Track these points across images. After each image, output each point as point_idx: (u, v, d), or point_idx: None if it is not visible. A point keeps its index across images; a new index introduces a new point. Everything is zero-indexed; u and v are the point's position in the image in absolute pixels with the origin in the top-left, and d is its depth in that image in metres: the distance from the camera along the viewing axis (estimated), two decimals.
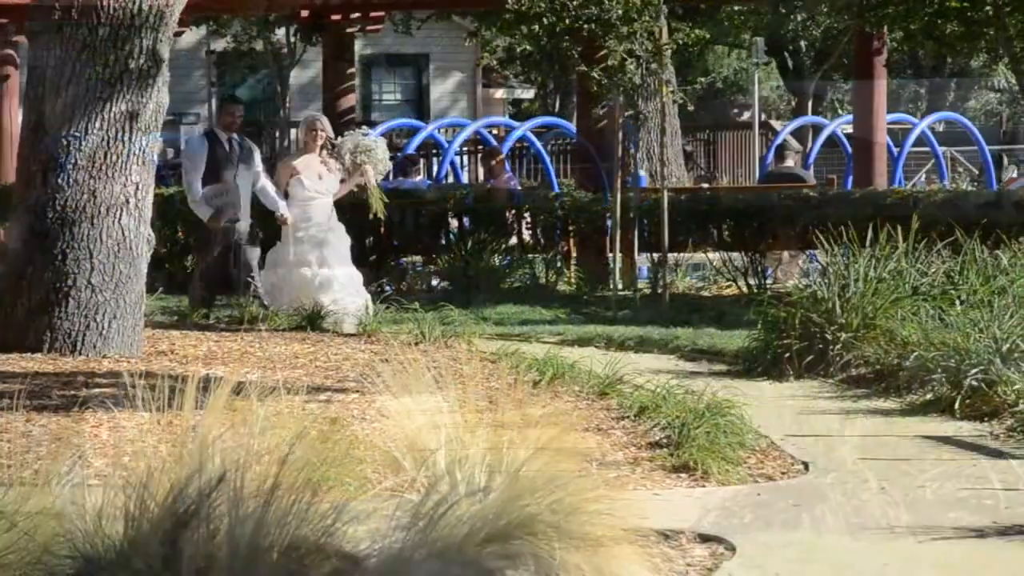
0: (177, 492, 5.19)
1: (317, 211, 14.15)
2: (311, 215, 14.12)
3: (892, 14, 16.23)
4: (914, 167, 29.53)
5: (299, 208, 14.14)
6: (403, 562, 5.22)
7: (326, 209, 14.19)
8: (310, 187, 14.15)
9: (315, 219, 14.13)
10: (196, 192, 14.27)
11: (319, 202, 14.18)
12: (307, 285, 13.83)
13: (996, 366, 10.15)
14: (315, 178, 14.19)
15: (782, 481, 8.25)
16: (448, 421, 6.14)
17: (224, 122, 14.67)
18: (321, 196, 14.20)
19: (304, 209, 14.14)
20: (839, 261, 12.32)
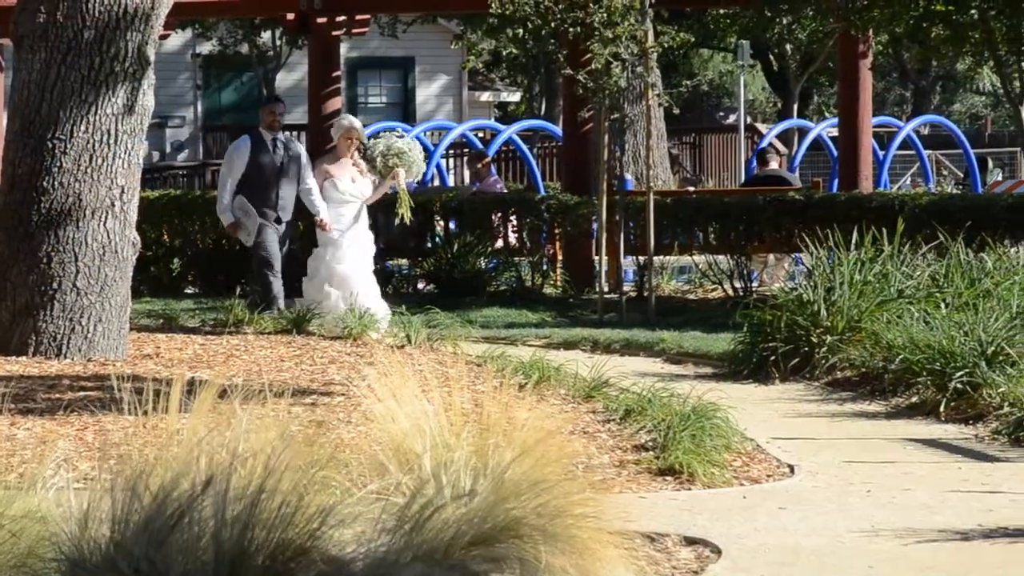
0: (163, 495, 5.18)
1: (349, 214, 13.99)
2: (344, 218, 13.98)
3: (877, 17, 16.25)
4: (899, 170, 29.58)
5: (332, 211, 14.00)
6: (389, 565, 5.22)
7: (358, 213, 14.04)
8: (344, 190, 14.00)
9: (348, 223, 13.96)
10: (224, 196, 14.10)
11: (352, 206, 14.02)
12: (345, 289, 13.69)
13: (981, 369, 10.17)
14: (348, 181, 14.05)
15: (768, 484, 8.26)
16: (434, 424, 6.14)
17: (267, 122, 14.41)
18: (354, 200, 14.05)
19: (336, 212, 13.99)
20: (824, 264, 12.34)
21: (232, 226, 14.18)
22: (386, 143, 14.19)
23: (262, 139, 14.26)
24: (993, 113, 53.71)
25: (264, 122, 14.43)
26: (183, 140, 37.04)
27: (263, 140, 14.25)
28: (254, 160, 14.10)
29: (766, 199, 16.50)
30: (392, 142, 14.22)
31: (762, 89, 51.06)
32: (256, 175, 14.09)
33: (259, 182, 14.08)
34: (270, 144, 14.20)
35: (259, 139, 14.29)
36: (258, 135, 14.36)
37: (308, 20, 19.93)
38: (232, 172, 14.15)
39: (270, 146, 14.19)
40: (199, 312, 14.67)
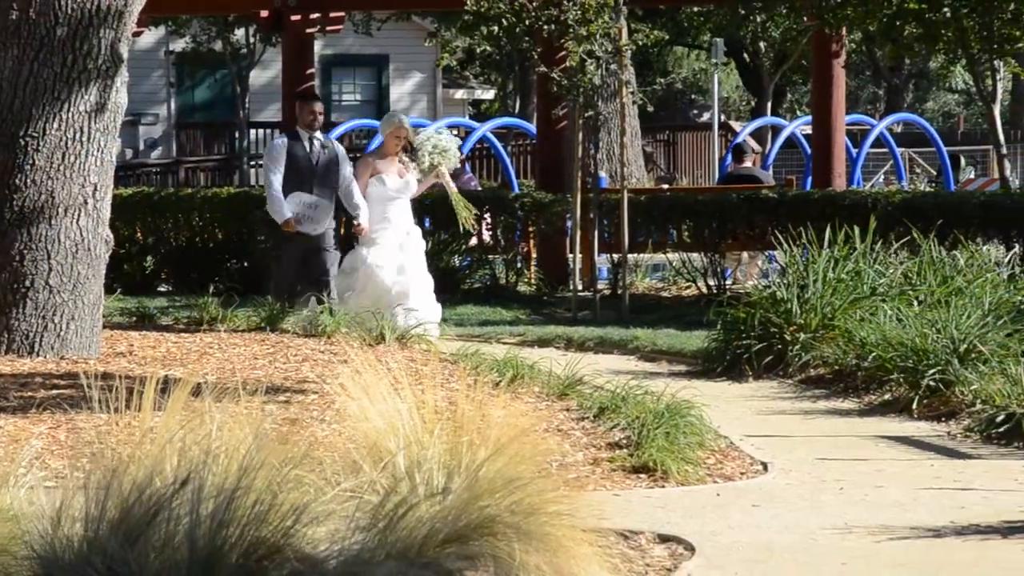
0: (137, 493, 5.17)
1: (396, 212, 13.67)
2: (389, 216, 13.65)
3: (851, 15, 16.29)
4: (872, 168, 29.64)
5: (378, 208, 13.65)
6: (362, 563, 5.21)
7: (405, 211, 13.75)
8: (391, 186, 13.67)
9: (393, 221, 13.64)
10: (275, 192, 13.75)
11: (398, 203, 13.71)
12: (384, 293, 13.43)
13: (953, 367, 10.21)
14: (395, 177, 13.72)
15: (741, 481, 8.27)
16: (407, 422, 6.14)
17: (304, 121, 13.95)
18: (401, 197, 13.71)
19: (383, 210, 13.66)
20: (798, 262, 12.37)
21: (289, 223, 13.70)
22: (432, 140, 13.97)
23: (299, 138, 13.93)
24: (966, 111, 53.89)
25: (302, 121, 14.07)
26: (156, 137, 36.96)
27: (300, 139, 13.92)
28: (291, 159, 13.80)
29: (740, 197, 16.53)
30: (439, 139, 14.01)
31: (736, 87, 51.15)
32: (293, 175, 13.77)
33: (296, 182, 13.76)
34: (307, 143, 13.88)
35: (296, 138, 13.97)
36: (295, 134, 14.04)
37: (282, 17, 19.91)
38: (275, 173, 13.79)
39: (307, 145, 13.87)
40: (172, 310, 14.63)
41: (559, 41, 14.93)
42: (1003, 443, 9.14)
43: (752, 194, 16.67)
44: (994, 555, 6.70)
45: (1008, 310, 11.02)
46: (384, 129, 14.10)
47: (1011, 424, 9.20)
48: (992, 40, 15.98)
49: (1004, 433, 9.21)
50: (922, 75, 48.30)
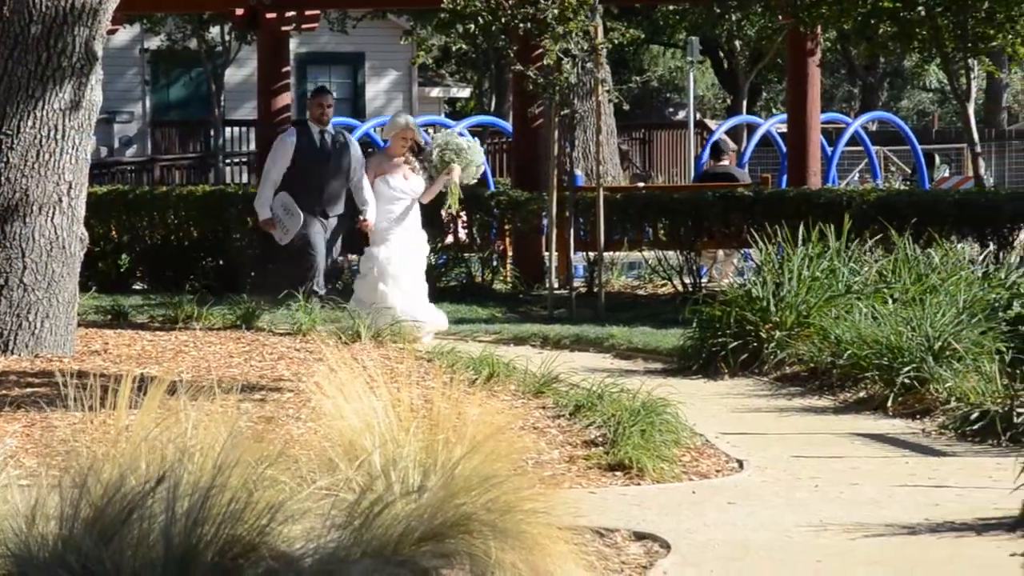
0: (112, 492, 5.16)
1: (403, 213, 13.60)
2: (396, 216, 13.60)
3: (826, 14, 16.32)
4: (847, 166, 29.71)
5: (384, 209, 13.62)
6: (338, 561, 5.21)
7: (412, 213, 13.68)
8: (396, 186, 13.59)
9: (401, 221, 13.58)
10: (264, 190, 13.80)
11: (405, 204, 13.62)
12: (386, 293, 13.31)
13: (928, 364, 10.24)
14: (400, 178, 13.64)
15: (717, 479, 8.29)
16: (383, 420, 6.14)
17: (314, 115, 14.03)
18: (406, 197, 13.61)
19: (389, 210, 13.61)
20: (773, 260, 12.39)
21: (266, 222, 13.82)
22: (445, 139, 13.92)
23: (309, 132, 13.92)
24: (940, 109, 54.05)
25: (312, 115, 14.08)
26: (131, 135, 36.87)
27: (310, 133, 13.91)
28: (300, 154, 13.76)
29: (715, 195, 16.55)
30: (452, 139, 13.93)
31: (711, 85, 51.22)
32: (303, 169, 13.75)
33: (306, 176, 13.75)
34: (318, 137, 13.87)
35: (306, 132, 13.95)
36: (305, 128, 14.03)
37: (257, 15, 19.87)
38: (275, 166, 13.81)
39: (318, 139, 13.86)
40: (147, 308, 14.60)
41: (535, 39, 14.93)
42: (977, 440, 9.17)
43: (728, 192, 16.69)
44: (969, 552, 6.72)
45: (982, 308, 11.05)
46: (390, 130, 14.01)
47: (985, 421, 9.23)
48: (966, 39, 16.02)
49: (978, 430, 9.24)
50: (897, 73, 48.44)
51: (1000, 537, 6.89)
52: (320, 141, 13.85)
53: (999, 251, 14.88)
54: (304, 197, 13.83)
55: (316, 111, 14.08)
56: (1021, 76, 50.25)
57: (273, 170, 13.86)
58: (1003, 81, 42.74)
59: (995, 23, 16.03)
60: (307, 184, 13.84)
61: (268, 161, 14.13)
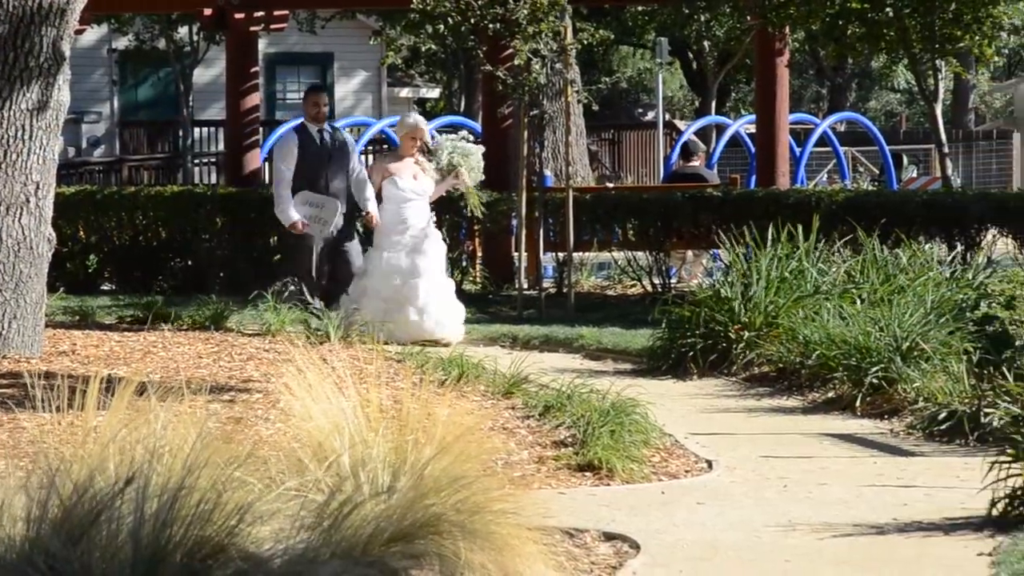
0: (80, 492, 5.15)
1: (412, 214, 13.40)
2: (406, 217, 13.38)
3: (794, 15, 16.36)
4: (816, 167, 29.78)
5: (393, 210, 13.40)
6: (307, 562, 5.20)
7: (421, 212, 13.47)
8: (405, 187, 13.40)
9: (410, 222, 13.37)
10: (282, 192, 13.56)
11: (414, 204, 13.43)
12: (396, 294, 13.16)
13: (896, 364, 10.27)
14: (410, 179, 13.45)
15: (686, 479, 8.30)
16: (352, 421, 6.14)
17: (311, 114, 13.84)
18: (417, 198, 13.44)
19: (398, 211, 13.40)
20: (742, 260, 12.42)
21: (293, 225, 13.55)
22: (452, 143, 13.76)
23: (307, 132, 13.75)
24: (908, 110, 54.24)
25: (308, 114, 13.90)
26: (99, 136, 36.75)
27: (309, 133, 13.73)
28: (301, 154, 13.60)
29: (684, 196, 16.57)
30: (458, 143, 13.76)
31: (680, 86, 51.29)
32: (304, 169, 13.58)
33: (308, 176, 13.56)
34: (316, 136, 13.70)
35: (304, 132, 13.78)
36: (303, 128, 13.84)
37: (225, 15, 19.83)
38: (286, 166, 13.58)
39: (317, 138, 13.69)
40: (116, 308, 14.56)
41: (505, 40, 14.93)
42: (945, 440, 9.20)
43: (697, 193, 16.72)
44: (936, 552, 6.75)
45: (950, 308, 11.09)
46: (400, 131, 13.88)
47: (953, 421, 9.26)
48: (934, 40, 16.08)
49: (946, 430, 9.27)
50: (865, 74, 48.58)
51: (967, 537, 6.92)
52: (320, 140, 13.70)
53: (966, 251, 14.93)
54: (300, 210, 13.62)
55: (312, 109, 13.90)
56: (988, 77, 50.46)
57: (284, 171, 13.62)
58: (970, 82, 42.93)
59: (962, 24, 16.09)
60: (310, 185, 13.64)
61: (276, 166, 13.86)
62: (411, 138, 13.64)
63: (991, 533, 6.90)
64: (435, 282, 13.35)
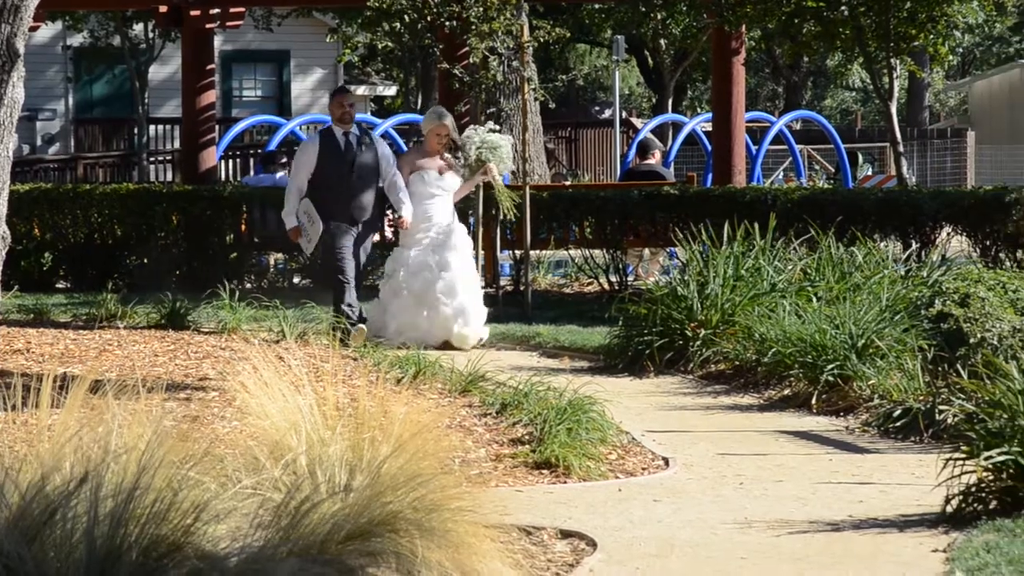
0: (35, 491, 5.12)
1: (437, 210, 13.25)
2: (431, 214, 13.24)
3: (750, 13, 16.40)
4: (772, 165, 29.87)
5: (419, 206, 13.21)
6: (264, 560, 5.19)
7: (445, 209, 13.34)
8: (432, 183, 13.23)
9: (436, 218, 13.24)
10: (289, 199, 13.12)
11: (440, 201, 13.29)
12: (427, 291, 13.05)
13: (852, 362, 10.31)
14: (436, 174, 13.27)
15: (643, 477, 8.31)
16: (308, 419, 6.12)
17: (336, 115, 13.23)
18: (443, 194, 13.29)
19: (425, 208, 13.23)
20: (698, 258, 12.44)
21: (294, 231, 13.15)
22: (480, 136, 13.55)
23: (332, 135, 13.17)
24: (863, 108, 54.47)
25: (334, 116, 13.30)
26: (54, 133, 36.57)
27: (333, 136, 13.16)
28: (324, 159, 13.04)
29: (641, 194, 16.59)
30: (486, 136, 13.56)
31: (637, 84, 51.38)
32: (328, 175, 13.05)
33: (331, 182, 13.04)
34: (342, 140, 13.12)
35: (329, 136, 13.21)
36: (328, 131, 13.28)
37: (181, 12, 19.76)
38: (299, 173, 13.13)
39: (341, 142, 13.11)
40: (71, 307, 14.50)
41: (461, 38, 14.93)
42: (900, 437, 9.24)
43: (653, 191, 16.74)
44: (891, 548, 6.77)
45: (905, 306, 11.13)
46: (426, 126, 13.65)
47: (908, 419, 9.31)
48: (889, 38, 16.14)
49: (901, 427, 9.31)
50: (820, 73, 48.76)
51: (922, 533, 6.95)
52: (345, 144, 13.11)
53: (921, 249, 15.00)
54: (332, 204, 13.05)
55: (337, 111, 13.27)
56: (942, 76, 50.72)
57: (296, 178, 13.18)
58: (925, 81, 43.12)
59: (917, 23, 16.16)
60: (334, 191, 13.10)
61: (293, 167, 13.45)
62: (436, 134, 13.42)
63: (946, 529, 6.94)
64: (468, 277, 13.25)
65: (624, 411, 9.79)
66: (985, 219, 15.38)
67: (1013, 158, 37.49)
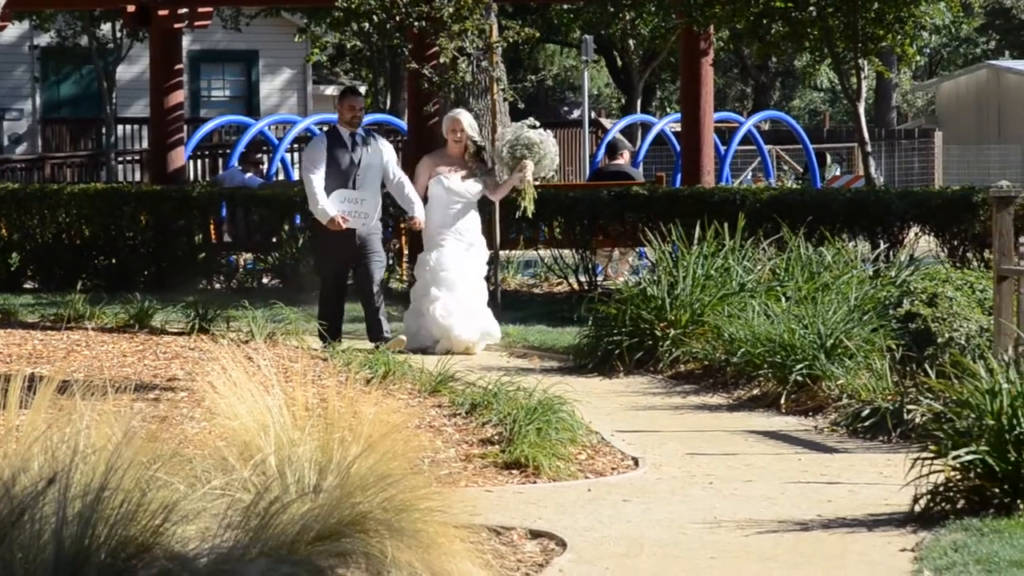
0: (2, 493, 5.10)
1: (459, 217, 12.94)
2: (453, 220, 12.91)
3: (718, 14, 16.43)
4: (741, 165, 29.93)
5: (440, 212, 12.89)
6: (234, 561, 5.18)
7: (470, 218, 13.02)
8: (452, 187, 12.91)
9: (458, 226, 12.91)
10: (316, 190, 12.69)
11: (462, 207, 12.95)
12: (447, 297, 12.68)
13: (820, 362, 10.33)
14: (457, 180, 12.95)
15: (612, 477, 8.32)
16: (277, 419, 6.11)
17: (344, 117, 12.93)
18: (464, 200, 12.94)
19: (445, 214, 12.90)
20: (668, 258, 12.46)
21: (332, 221, 12.66)
22: (515, 133, 13.33)
23: (339, 136, 12.91)
24: (831, 109, 54.60)
25: (342, 118, 13.01)
26: (21, 133, 36.42)
27: (340, 137, 12.89)
28: (331, 160, 12.77)
29: (610, 194, 16.60)
30: (522, 133, 13.30)
31: (606, 84, 51.42)
32: (334, 176, 12.77)
33: (337, 183, 12.74)
34: (349, 141, 12.83)
35: (336, 137, 12.90)
36: (335, 132, 13.02)
37: (149, 12, 19.70)
38: (315, 168, 12.74)
39: (348, 144, 12.82)
40: (38, 307, 14.45)
41: (430, 37, 14.91)
42: (869, 437, 9.27)
43: (623, 191, 16.75)
44: (860, 548, 6.79)
45: (873, 306, 11.17)
46: (443, 126, 13.44)
47: (876, 418, 9.33)
48: (857, 39, 16.19)
49: (870, 427, 9.33)
50: (789, 73, 48.86)
51: (891, 532, 6.97)
52: (351, 145, 12.84)
53: (889, 249, 15.04)
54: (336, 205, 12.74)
55: (346, 113, 12.95)
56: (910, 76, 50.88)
57: (313, 173, 12.79)
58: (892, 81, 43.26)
59: (885, 24, 16.21)
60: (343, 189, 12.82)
61: (304, 170, 13.09)
62: (450, 130, 13.21)
63: (914, 529, 6.96)
64: (472, 288, 12.95)
65: (594, 411, 9.79)
66: (953, 219, 15.43)
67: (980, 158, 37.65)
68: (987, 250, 15.35)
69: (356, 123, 12.90)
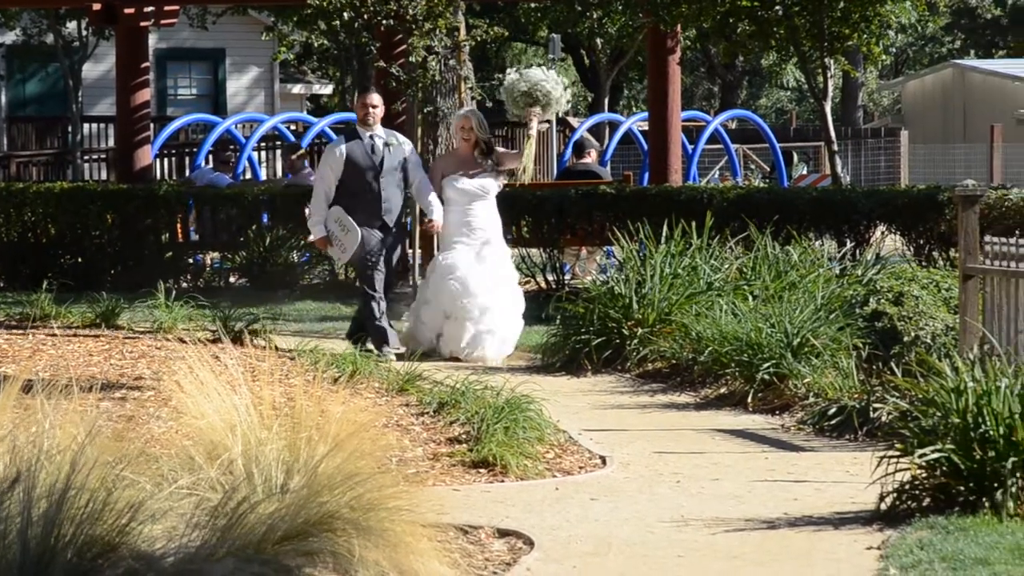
0: None
1: (473, 217, 12.68)
2: (467, 221, 12.67)
3: (685, 13, 16.46)
4: (708, 164, 29.97)
5: (453, 212, 12.66)
6: (200, 560, 5.17)
7: (486, 217, 12.75)
8: (463, 187, 12.67)
9: (472, 226, 12.66)
10: (315, 207, 12.59)
11: (476, 207, 12.68)
12: (454, 302, 12.41)
13: (787, 360, 10.36)
14: (467, 178, 12.69)
15: (580, 476, 8.32)
16: (244, 419, 6.10)
17: (360, 117, 12.70)
18: (478, 199, 12.68)
19: (458, 214, 12.67)
20: (635, 257, 12.47)
21: (321, 241, 12.61)
22: (531, 81, 13.03)
23: (358, 138, 12.60)
24: (798, 108, 54.74)
25: (358, 118, 12.78)
26: None
27: (359, 139, 12.58)
28: (351, 162, 12.50)
29: (578, 193, 16.62)
30: (537, 80, 13.01)
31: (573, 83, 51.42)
32: (355, 179, 12.46)
33: (359, 186, 12.50)
34: (368, 143, 12.57)
35: (355, 138, 12.63)
36: (353, 133, 12.74)
37: (115, 10, 19.64)
38: (324, 180, 12.57)
39: (368, 145, 12.56)
40: (3, 306, 14.39)
41: (399, 36, 14.90)
42: (835, 435, 9.29)
43: (590, 190, 16.77)
44: (826, 546, 6.81)
45: (840, 304, 11.20)
46: (452, 125, 13.29)
47: (843, 417, 9.36)
48: (823, 38, 16.23)
49: (836, 425, 9.36)
50: (755, 72, 48.98)
51: (857, 531, 6.99)
52: (371, 147, 12.57)
53: (856, 248, 15.08)
54: (360, 210, 12.49)
55: (360, 112, 12.74)
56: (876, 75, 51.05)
57: (322, 184, 12.62)
58: (859, 80, 43.38)
59: (850, 23, 16.25)
60: (362, 195, 12.54)
61: (316, 175, 12.97)
62: (460, 128, 13.02)
63: (880, 527, 6.98)
64: (504, 295, 12.65)
65: (561, 410, 9.80)
66: (919, 218, 15.48)
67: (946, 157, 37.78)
68: (952, 249, 15.42)
69: (372, 121, 12.64)
